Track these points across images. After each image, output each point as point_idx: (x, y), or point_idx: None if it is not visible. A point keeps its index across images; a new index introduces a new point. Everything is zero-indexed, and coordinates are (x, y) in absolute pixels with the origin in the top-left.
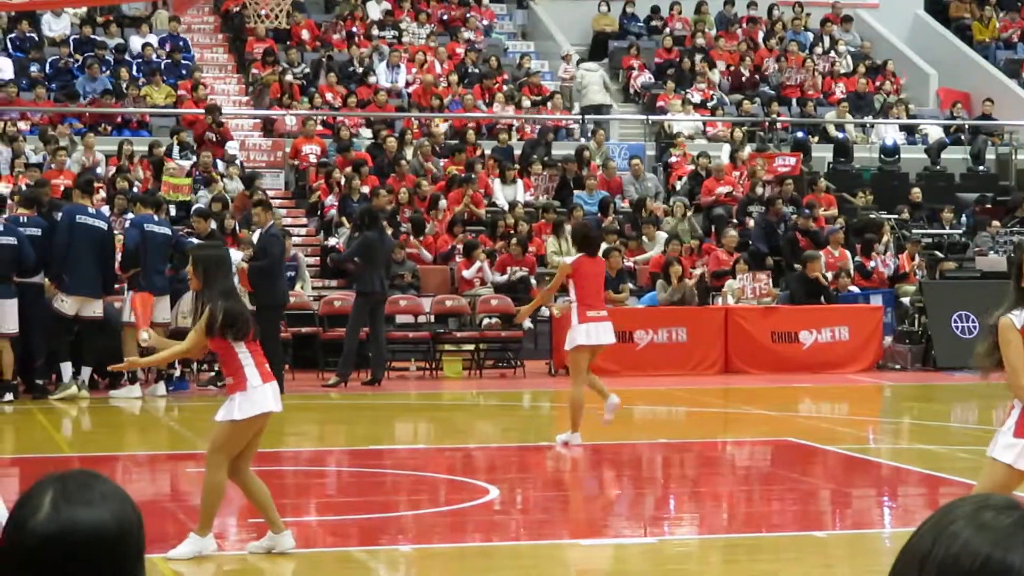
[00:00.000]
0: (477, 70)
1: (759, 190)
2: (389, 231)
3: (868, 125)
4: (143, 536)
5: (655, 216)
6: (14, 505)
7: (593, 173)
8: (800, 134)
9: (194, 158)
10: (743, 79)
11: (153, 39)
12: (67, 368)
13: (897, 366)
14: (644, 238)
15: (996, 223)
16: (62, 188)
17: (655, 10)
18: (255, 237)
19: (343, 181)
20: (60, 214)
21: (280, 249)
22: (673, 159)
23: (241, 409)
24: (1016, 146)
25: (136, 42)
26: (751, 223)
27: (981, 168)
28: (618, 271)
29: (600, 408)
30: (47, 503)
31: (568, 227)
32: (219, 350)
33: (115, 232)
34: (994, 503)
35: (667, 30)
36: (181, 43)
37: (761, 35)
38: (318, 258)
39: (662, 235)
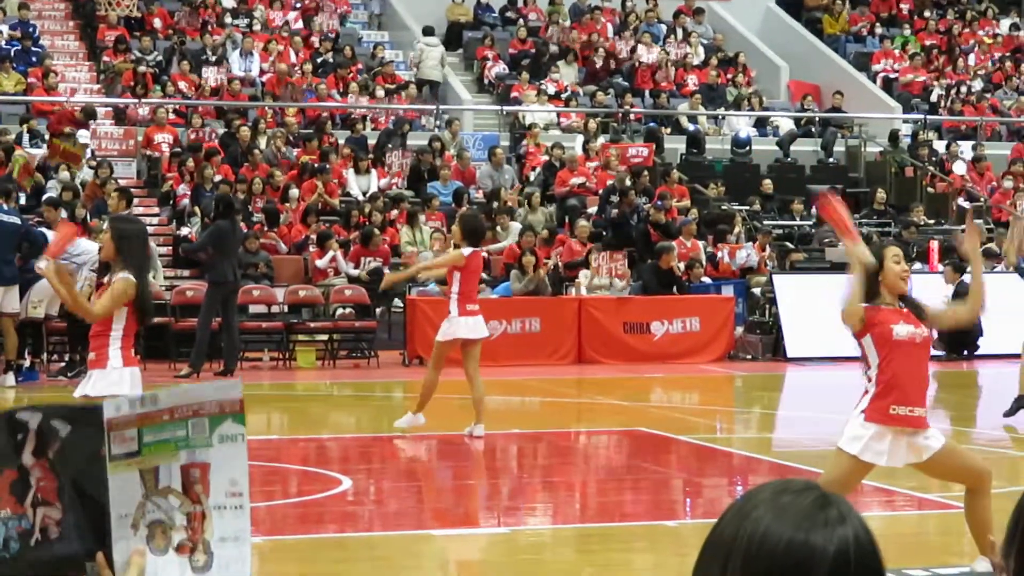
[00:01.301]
0: (331, 59)
1: (627, 181)
2: (242, 221)
3: (720, 117)
4: None
5: (510, 207)
6: None
7: (447, 163)
8: (652, 125)
9: (44, 147)
10: (596, 70)
11: (2, 26)
12: None
13: (748, 356)
14: (499, 228)
15: None
16: None
17: (511, 1)
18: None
19: (195, 171)
20: None
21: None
22: (526, 150)
23: (95, 387)
24: (865, 138)
25: None
26: (611, 213)
27: (831, 160)
28: None
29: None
30: None
31: (423, 217)
32: (101, 324)
33: None
34: (793, 487)
35: (521, 21)
36: (31, 29)
37: (613, 28)
38: (170, 248)
39: (516, 226)
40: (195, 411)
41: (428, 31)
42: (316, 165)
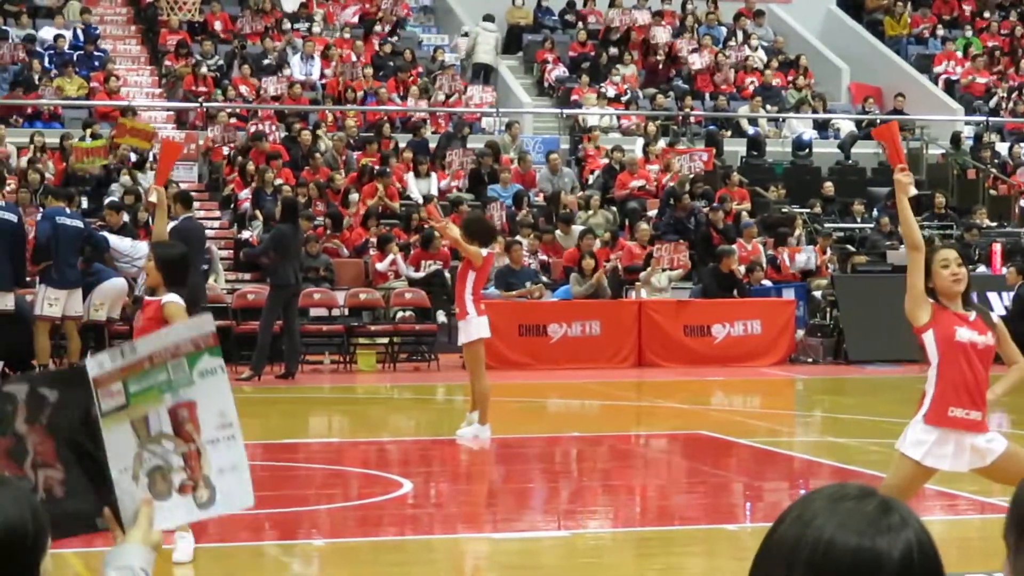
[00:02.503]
0: (392, 63)
1: (686, 185)
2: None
3: (780, 119)
4: (41, 541)
5: (568, 214)
6: None
7: (507, 167)
8: (712, 128)
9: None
10: (657, 73)
11: (65, 30)
12: None
13: (809, 359)
14: (559, 232)
15: None
16: None
17: (570, 4)
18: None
19: (256, 174)
20: None
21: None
22: (586, 152)
23: None
24: (927, 141)
25: (48, 33)
26: (670, 216)
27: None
28: (526, 265)
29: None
30: None
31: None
32: None
33: (26, 225)
34: (850, 492)
35: (581, 24)
36: (94, 34)
37: (670, 32)
38: (231, 251)
39: (576, 229)
40: (173, 353)
41: (488, 18)
42: (376, 168)
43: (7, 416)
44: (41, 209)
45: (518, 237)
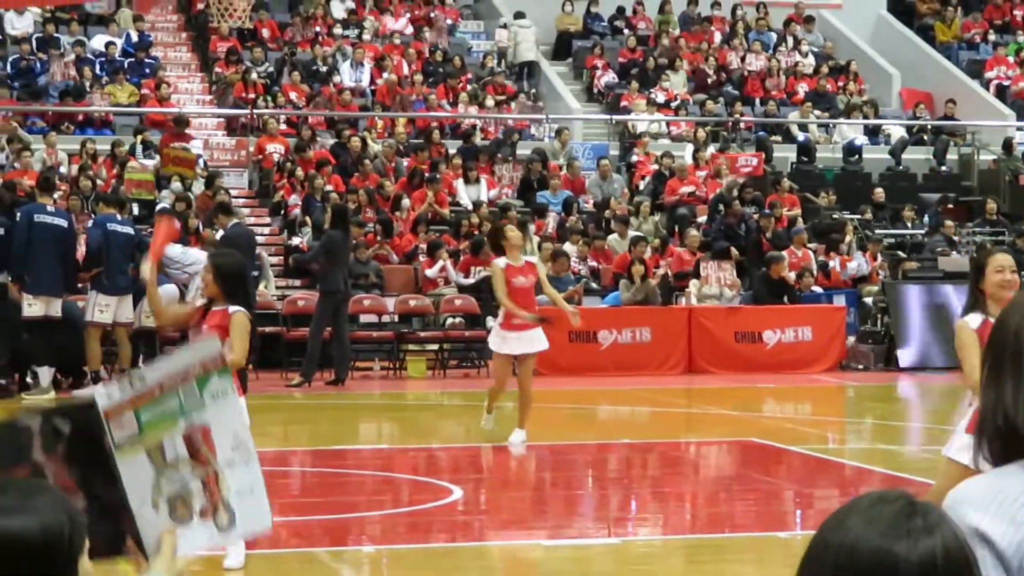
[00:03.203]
0: (441, 70)
1: (734, 191)
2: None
3: (831, 125)
4: (78, 544)
5: (625, 215)
6: None
7: (556, 173)
8: (762, 134)
9: (157, 157)
10: (707, 79)
11: (117, 37)
12: (45, 372)
13: (860, 366)
14: (616, 235)
15: (949, 223)
16: (27, 187)
17: (620, 10)
18: (218, 236)
19: (306, 181)
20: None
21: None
22: (635, 159)
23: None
24: (978, 146)
25: (99, 40)
26: (720, 222)
27: (943, 168)
28: (575, 271)
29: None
30: None
31: (533, 227)
32: None
33: (76, 231)
34: (889, 496)
35: (630, 30)
36: (145, 42)
37: (720, 37)
38: (281, 257)
39: (627, 234)
40: (183, 378)
41: (519, 15)
42: (426, 175)
43: (23, 445)
44: (92, 215)
45: (566, 245)
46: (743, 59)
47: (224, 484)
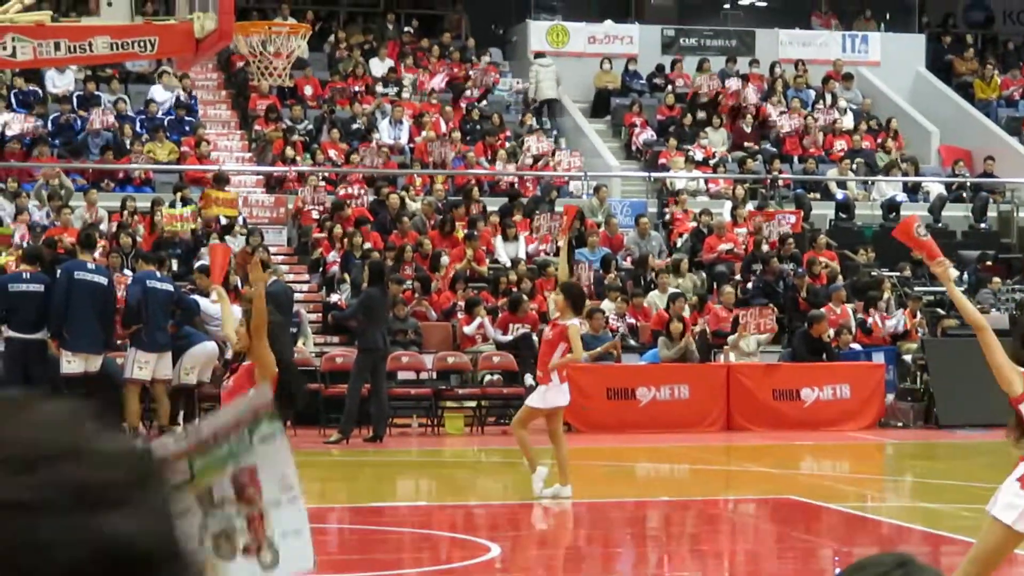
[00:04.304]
0: (479, 127)
1: (764, 247)
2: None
3: (870, 182)
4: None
5: (666, 268)
6: None
7: (594, 230)
8: (800, 191)
9: (197, 202)
10: (745, 136)
11: (157, 96)
12: None
13: (899, 424)
14: (658, 291)
15: (996, 280)
16: (67, 244)
17: (658, 68)
18: None
19: (345, 238)
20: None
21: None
22: (670, 216)
23: None
24: (1017, 204)
25: (139, 98)
26: (759, 281)
27: (983, 225)
28: (613, 328)
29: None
30: None
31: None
32: None
33: (116, 288)
34: (883, 561)
35: (669, 87)
36: (185, 100)
37: (757, 95)
38: (320, 314)
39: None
40: (235, 426)
41: (539, 55)
42: (465, 232)
43: None
44: (132, 273)
45: (604, 302)
46: (781, 115)
47: (269, 524)
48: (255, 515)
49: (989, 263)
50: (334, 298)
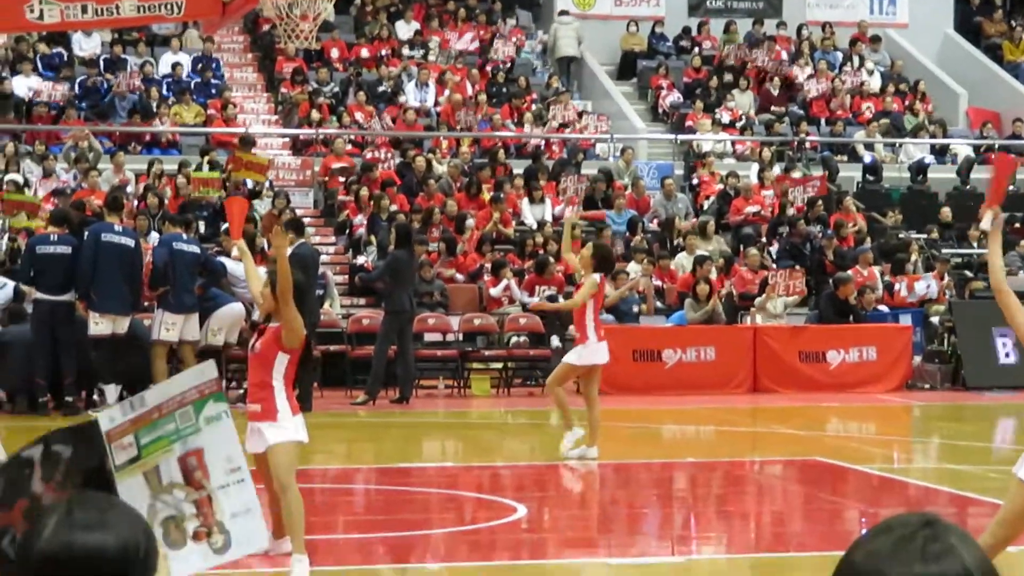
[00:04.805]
0: (506, 90)
1: (789, 211)
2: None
3: (897, 145)
4: (151, 560)
5: (693, 230)
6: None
7: (621, 192)
8: (827, 153)
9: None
10: (772, 99)
11: (183, 58)
12: (112, 390)
13: (926, 386)
14: (684, 253)
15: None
16: (95, 207)
17: (685, 30)
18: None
19: (371, 200)
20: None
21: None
22: (697, 179)
23: (299, 431)
24: None
25: (166, 61)
26: (785, 243)
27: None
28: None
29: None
30: (52, 524)
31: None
32: (263, 374)
33: (143, 250)
34: (908, 521)
35: (696, 49)
36: (212, 63)
37: (788, 56)
38: (346, 276)
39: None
40: (179, 402)
41: (563, 13)
42: (491, 194)
43: (23, 479)
44: (158, 235)
45: (630, 264)
46: (809, 79)
47: (218, 507)
48: (203, 499)
49: (1017, 225)
50: (360, 260)
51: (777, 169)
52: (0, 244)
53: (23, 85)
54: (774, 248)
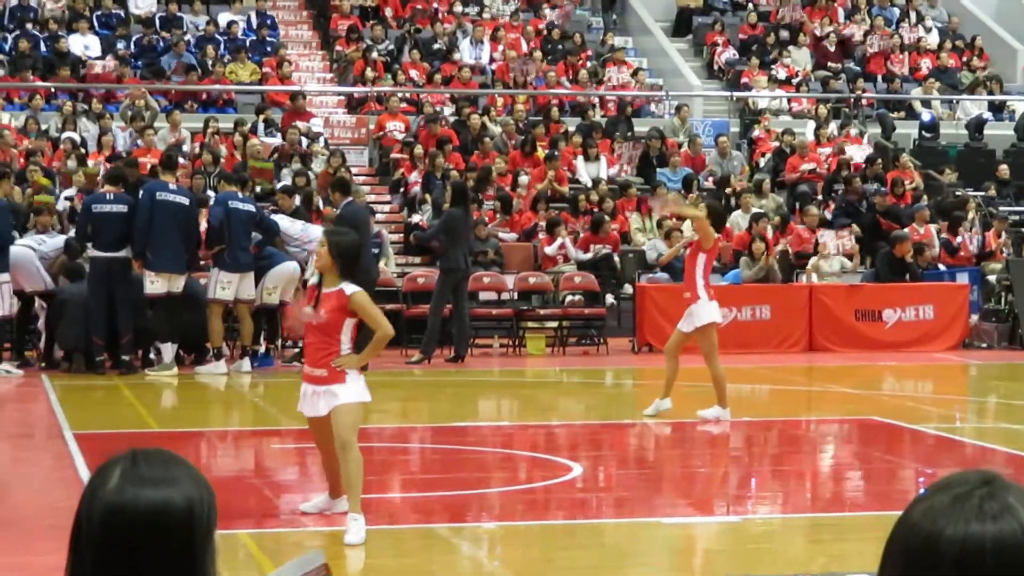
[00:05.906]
0: (561, 47)
1: (844, 171)
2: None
3: (954, 101)
4: (213, 517)
5: (748, 188)
6: (91, 475)
7: (676, 150)
8: (883, 111)
9: (279, 136)
10: (829, 55)
11: (239, 16)
12: (168, 348)
13: (984, 344)
14: (740, 211)
15: None
16: (149, 166)
17: None
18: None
19: (427, 158)
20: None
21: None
22: (756, 135)
23: (365, 392)
24: None
25: (222, 19)
26: (841, 200)
27: None
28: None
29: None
30: (116, 477)
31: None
32: (327, 337)
33: (197, 209)
34: (969, 478)
35: (751, 6)
36: (267, 21)
37: (845, 12)
38: (401, 235)
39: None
40: None
41: None
42: (546, 152)
43: None
44: (214, 193)
45: (685, 223)
46: (866, 35)
47: None
48: None
49: None
50: (415, 219)
51: (833, 126)
52: (62, 206)
53: (79, 43)
54: (831, 206)
